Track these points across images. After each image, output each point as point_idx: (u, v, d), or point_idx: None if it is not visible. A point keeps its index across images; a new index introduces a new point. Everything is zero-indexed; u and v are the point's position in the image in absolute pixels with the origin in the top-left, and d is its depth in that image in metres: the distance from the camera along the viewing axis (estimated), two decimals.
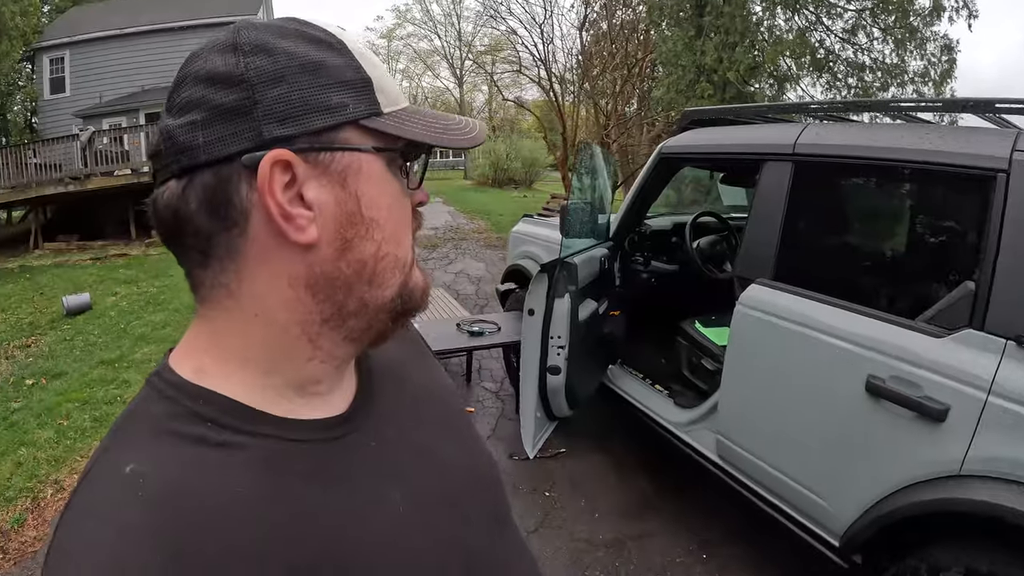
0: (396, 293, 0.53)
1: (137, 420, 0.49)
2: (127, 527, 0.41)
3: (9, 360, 6.43)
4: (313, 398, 0.53)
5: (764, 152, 2.48)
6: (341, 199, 0.49)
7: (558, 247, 3.72)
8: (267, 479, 0.46)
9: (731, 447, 2.44)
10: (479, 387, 4.61)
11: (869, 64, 10.37)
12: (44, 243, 12.98)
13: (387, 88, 0.51)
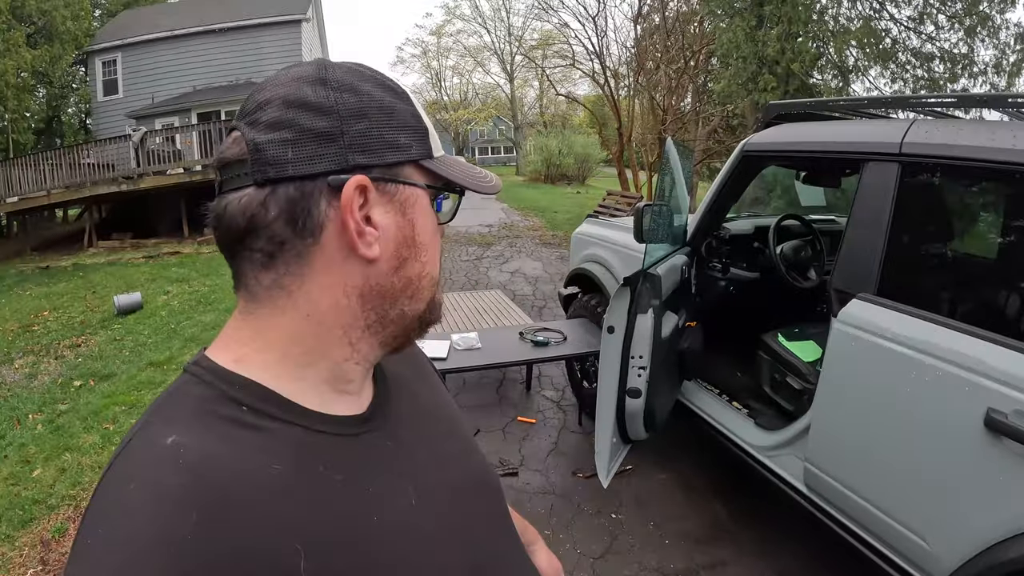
0: (427, 307, 0.62)
1: (177, 400, 0.54)
2: (168, 491, 0.45)
3: (58, 360, 6.59)
4: (344, 395, 0.59)
5: (865, 151, 2.26)
6: (400, 224, 0.58)
7: (627, 251, 3.60)
8: (295, 462, 0.52)
9: (822, 477, 2.25)
10: (539, 396, 4.48)
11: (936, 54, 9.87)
12: (98, 241, 13.45)
13: (435, 138, 0.61)
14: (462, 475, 0.69)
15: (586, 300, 4.08)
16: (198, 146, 13.93)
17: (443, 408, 0.77)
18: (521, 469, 3.47)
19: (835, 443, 2.21)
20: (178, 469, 0.47)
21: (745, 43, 10.27)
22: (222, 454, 0.49)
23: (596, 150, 29.84)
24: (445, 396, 0.81)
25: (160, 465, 0.47)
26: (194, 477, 0.46)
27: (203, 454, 0.48)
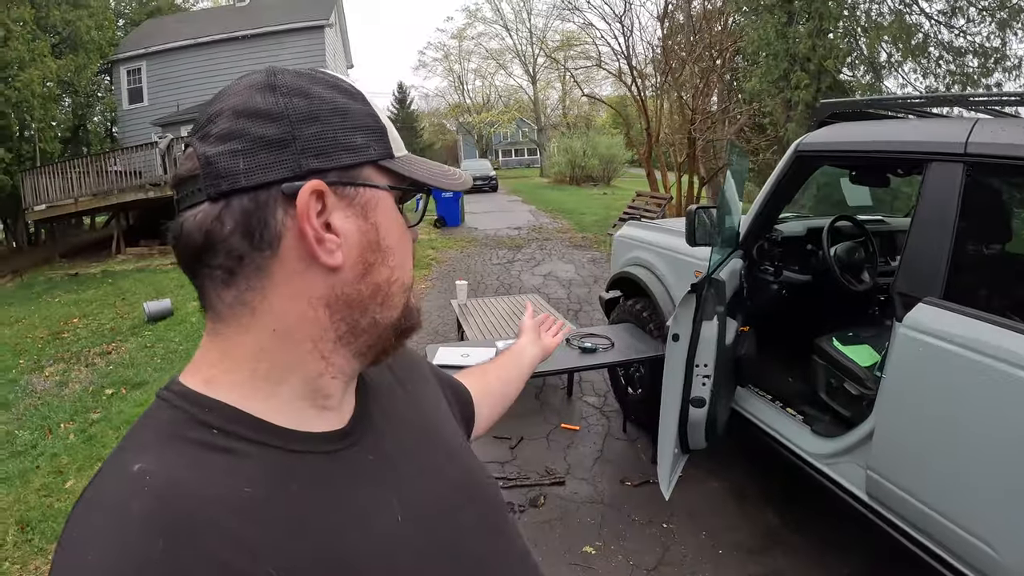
0: (401, 313, 0.61)
1: (146, 427, 0.54)
2: (132, 518, 0.45)
3: (89, 368, 6.70)
4: (324, 411, 0.59)
5: (929, 152, 2.22)
6: (363, 228, 0.57)
7: (674, 254, 3.59)
8: (267, 484, 0.51)
9: (886, 485, 2.22)
10: (581, 402, 4.48)
11: (967, 48, 9.69)
12: (126, 248, 13.70)
13: (395, 137, 0.60)
14: (450, 485, 0.68)
15: (630, 305, 4.06)
16: None
17: (430, 417, 0.76)
18: (568, 478, 3.47)
19: (901, 450, 2.18)
20: (143, 496, 0.46)
21: (776, 40, 10.19)
22: (190, 479, 0.48)
23: (621, 151, 29.82)
24: (433, 403, 0.80)
25: (126, 492, 0.47)
26: (160, 503, 0.46)
27: (170, 480, 0.48)
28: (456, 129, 46.85)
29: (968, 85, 9.68)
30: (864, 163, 2.88)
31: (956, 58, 9.79)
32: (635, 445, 3.87)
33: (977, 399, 1.90)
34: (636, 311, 3.98)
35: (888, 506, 2.23)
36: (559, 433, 4.01)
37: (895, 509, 2.20)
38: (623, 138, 31.24)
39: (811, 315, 3.21)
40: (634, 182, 28.28)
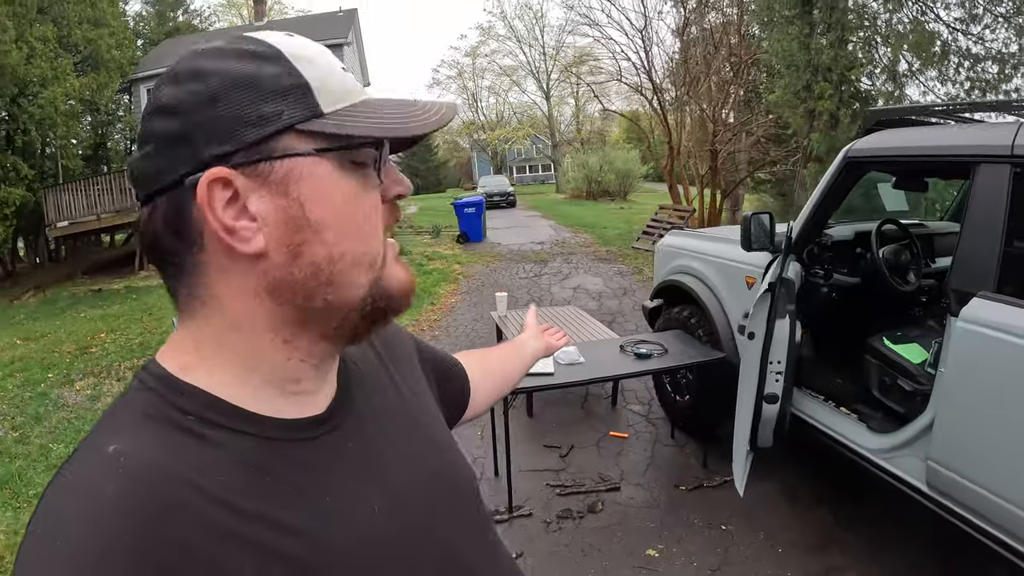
0: (366, 292, 0.56)
1: (122, 409, 0.54)
2: (107, 499, 0.45)
3: (121, 382, 6.74)
4: (298, 396, 0.58)
5: (977, 155, 2.39)
6: (283, 206, 0.52)
7: (722, 261, 3.74)
8: (242, 471, 0.51)
9: (948, 475, 2.33)
10: (626, 410, 4.60)
11: (984, 55, 9.84)
12: (149, 264, 13.92)
13: (332, 88, 0.54)
14: (431, 473, 0.68)
15: (677, 312, 4.19)
16: None
17: (413, 402, 0.75)
18: (622, 484, 3.59)
19: (964, 440, 2.30)
20: (117, 477, 0.46)
21: (799, 51, 10.38)
22: (165, 462, 0.48)
23: (637, 166, 30.07)
24: (417, 387, 0.79)
25: (100, 473, 0.47)
26: (134, 485, 0.46)
27: (144, 462, 0.48)
28: (470, 146, 47.34)
29: (987, 91, 9.81)
30: (913, 167, 3.04)
31: (974, 64, 9.93)
32: (684, 450, 3.98)
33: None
34: (683, 318, 4.10)
35: (950, 495, 2.34)
36: (608, 441, 4.13)
37: (957, 498, 2.31)
38: (638, 153, 31.59)
39: (859, 316, 3.35)
40: (650, 196, 28.51)
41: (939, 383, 2.40)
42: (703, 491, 3.48)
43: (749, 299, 3.40)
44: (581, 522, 3.25)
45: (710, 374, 3.66)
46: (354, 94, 0.56)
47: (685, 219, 12.96)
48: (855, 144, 2.92)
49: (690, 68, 14.57)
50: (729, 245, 3.78)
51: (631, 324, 7.06)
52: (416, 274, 7.37)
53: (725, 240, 3.92)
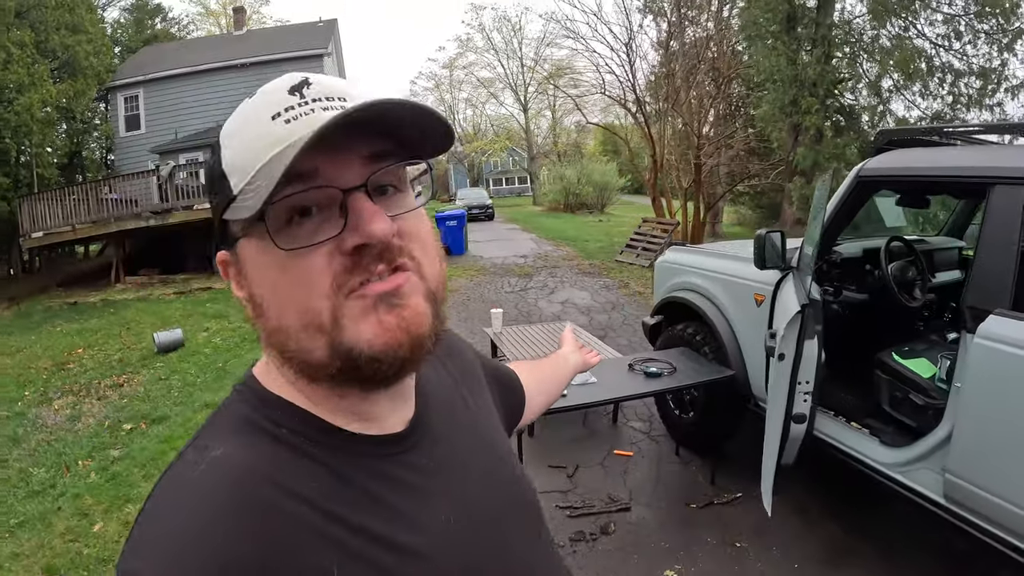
0: (328, 355, 0.55)
1: (223, 418, 0.60)
2: (215, 497, 0.51)
3: (102, 401, 6.54)
4: (367, 421, 0.62)
5: (993, 176, 2.48)
6: (244, 283, 0.59)
7: (728, 277, 3.76)
8: (331, 482, 0.56)
9: (966, 487, 2.39)
10: (627, 427, 4.60)
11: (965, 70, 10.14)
12: (125, 277, 13.70)
13: (235, 165, 0.55)
14: (498, 492, 0.71)
15: (680, 329, 4.21)
16: None
17: (483, 422, 0.79)
18: (632, 504, 3.58)
19: (984, 453, 2.35)
20: (225, 476, 0.52)
21: (786, 67, 10.59)
22: (264, 468, 0.54)
23: (614, 178, 30.33)
24: (487, 408, 0.83)
25: (206, 476, 0.53)
26: (237, 484, 0.52)
27: (246, 467, 0.53)
28: (447, 158, 47.42)
29: (969, 106, 10.11)
30: (927, 187, 3.11)
31: (956, 80, 10.22)
32: (691, 467, 4.00)
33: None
34: (688, 335, 4.12)
35: (968, 507, 2.40)
36: (613, 459, 4.13)
37: (977, 509, 2.36)
38: (616, 165, 31.91)
39: (866, 332, 3.40)
40: (628, 209, 28.82)
41: (956, 398, 2.45)
42: (714, 508, 3.49)
43: (759, 317, 3.44)
44: (595, 544, 3.23)
45: (718, 391, 3.69)
46: (260, 157, 0.54)
47: (669, 232, 13.08)
48: (867, 163, 2.98)
49: (672, 82, 14.75)
50: (736, 262, 3.81)
51: (623, 339, 7.09)
52: None
53: (731, 257, 3.95)
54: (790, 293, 2.93)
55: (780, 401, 2.64)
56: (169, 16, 27.07)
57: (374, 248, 0.54)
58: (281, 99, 0.56)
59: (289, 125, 0.54)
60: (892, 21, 10.49)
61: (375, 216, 0.54)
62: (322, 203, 0.54)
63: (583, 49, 18.24)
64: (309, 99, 0.56)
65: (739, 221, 23.88)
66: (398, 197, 0.59)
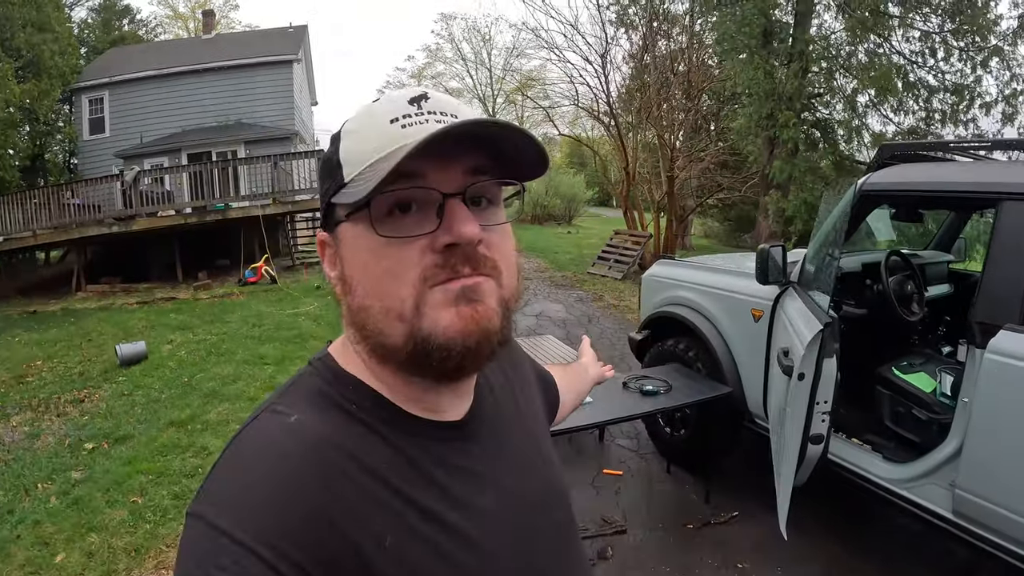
0: (403, 341, 0.60)
1: (298, 389, 0.66)
2: (289, 455, 0.57)
3: (62, 418, 6.17)
4: (428, 410, 0.67)
5: (1003, 192, 2.47)
6: (339, 264, 0.65)
7: (721, 292, 3.71)
8: (394, 458, 0.61)
9: (976, 502, 2.37)
10: (615, 445, 4.51)
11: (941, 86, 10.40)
12: (87, 285, 13.27)
13: (351, 157, 0.62)
14: (539, 484, 0.77)
15: (671, 345, 4.15)
16: (189, 187, 14.00)
17: (532, 421, 0.85)
18: (628, 525, 3.49)
19: (996, 468, 2.33)
20: (303, 440, 0.58)
21: (764, 80, 10.70)
22: (337, 438, 0.59)
23: (582, 190, 30.49)
24: (535, 408, 0.89)
25: (285, 435, 0.58)
26: (312, 449, 0.57)
27: (321, 435, 0.59)
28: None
29: (944, 122, 10.35)
30: (933, 202, 3.10)
31: (931, 96, 10.45)
32: (684, 486, 3.92)
33: None
34: (679, 351, 4.07)
35: (980, 522, 2.38)
36: (603, 479, 4.03)
37: (989, 524, 2.34)
38: (583, 177, 32.08)
39: (863, 347, 3.37)
40: (595, 221, 29.03)
41: (964, 412, 2.43)
42: (711, 528, 3.42)
43: (757, 332, 3.39)
44: (594, 570, 3.13)
45: (712, 408, 3.62)
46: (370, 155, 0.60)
47: (641, 244, 13.16)
48: (870, 178, 2.95)
49: (644, 94, 14.85)
50: (730, 276, 3.77)
51: (603, 353, 6.93)
52: None
53: (725, 270, 3.91)
54: (798, 309, 2.88)
55: (798, 422, 2.57)
56: (137, 18, 26.69)
57: (462, 249, 0.59)
58: (401, 107, 0.62)
59: (404, 130, 0.60)
60: (868, 37, 10.69)
61: (467, 220, 0.59)
62: (422, 202, 0.60)
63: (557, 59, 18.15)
64: (425, 111, 0.62)
65: (706, 234, 24.15)
66: (491, 211, 0.65)
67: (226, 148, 17.46)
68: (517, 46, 32.06)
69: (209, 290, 12.39)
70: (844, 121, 11.13)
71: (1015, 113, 10.03)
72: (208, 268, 13.88)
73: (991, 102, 10.12)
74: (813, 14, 11.38)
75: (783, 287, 3.25)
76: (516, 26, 36.46)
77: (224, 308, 10.52)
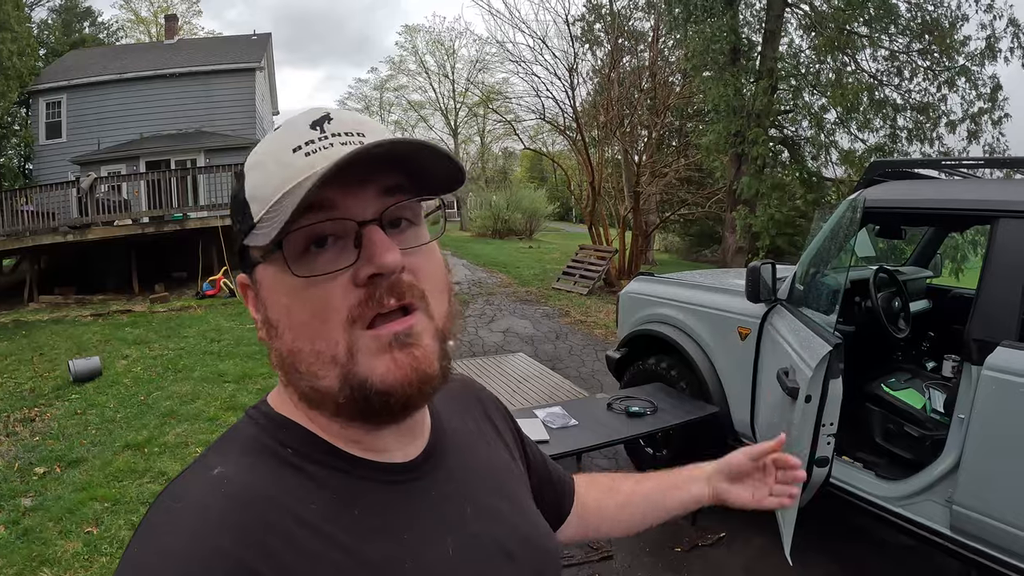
0: (339, 385, 0.57)
1: (230, 439, 0.62)
2: (208, 512, 0.52)
3: (11, 438, 5.78)
4: (368, 451, 0.62)
5: (998, 210, 2.48)
6: (260, 307, 0.61)
7: (711, 311, 3.66)
8: (332, 504, 0.57)
9: (975, 518, 2.36)
10: (593, 465, 4.40)
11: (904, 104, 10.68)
12: (39, 296, 12.78)
13: (257, 193, 0.58)
14: (509, 533, 0.70)
15: (653, 363, 4.08)
16: (147, 196, 13.60)
17: (497, 467, 0.78)
18: (615, 551, 3.38)
19: (994, 483, 2.32)
20: (221, 495, 0.54)
21: (733, 97, 10.82)
22: (264, 487, 0.55)
23: (543, 204, 30.68)
24: (503, 456, 0.82)
25: (204, 491, 0.55)
26: (235, 504, 0.53)
27: (245, 485, 0.55)
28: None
29: (910, 140, 10.60)
30: (927, 219, 3.10)
31: (896, 114, 10.69)
32: None
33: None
34: (662, 370, 4.00)
35: (979, 537, 2.37)
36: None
37: (988, 539, 2.33)
38: (544, 192, 32.28)
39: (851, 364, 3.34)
40: (555, 236, 29.25)
41: (960, 428, 2.42)
42: (700, 551, 3.35)
43: (743, 351, 3.35)
44: None
45: (697, 427, 3.55)
46: (278, 189, 0.57)
47: (607, 259, 13.16)
48: (868, 194, 2.93)
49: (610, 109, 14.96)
50: (714, 293, 3.73)
51: (571, 370, 6.96)
52: None
53: (708, 288, 3.87)
54: (791, 328, 2.84)
55: (804, 445, 2.51)
56: (99, 20, 26.09)
57: (385, 279, 0.56)
58: (303, 133, 0.59)
59: (309, 158, 0.57)
60: (836, 56, 10.90)
61: (387, 247, 0.56)
62: (338, 234, 0.57)
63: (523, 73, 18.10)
64: (329, 134, 0.58)
65: (667, 248, 24.42)
66: (412, 231, 0.61)
67: (185, 156, 17.13)
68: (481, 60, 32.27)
69: (166, 303, 12.01)
70: (812, 138, 11.32)
71: (979, 131, 10.26)
72: (165, 280, 13.53)
73: (956, 121, 10.35)
74: (782, 32, 11.54)
75: (771, 305, 3.21)
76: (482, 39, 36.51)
77: (182, 322, 10.20)
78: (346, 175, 0.53)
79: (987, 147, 10.21)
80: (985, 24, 10.19)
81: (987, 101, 10.13)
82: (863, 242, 4.35)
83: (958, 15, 10.33)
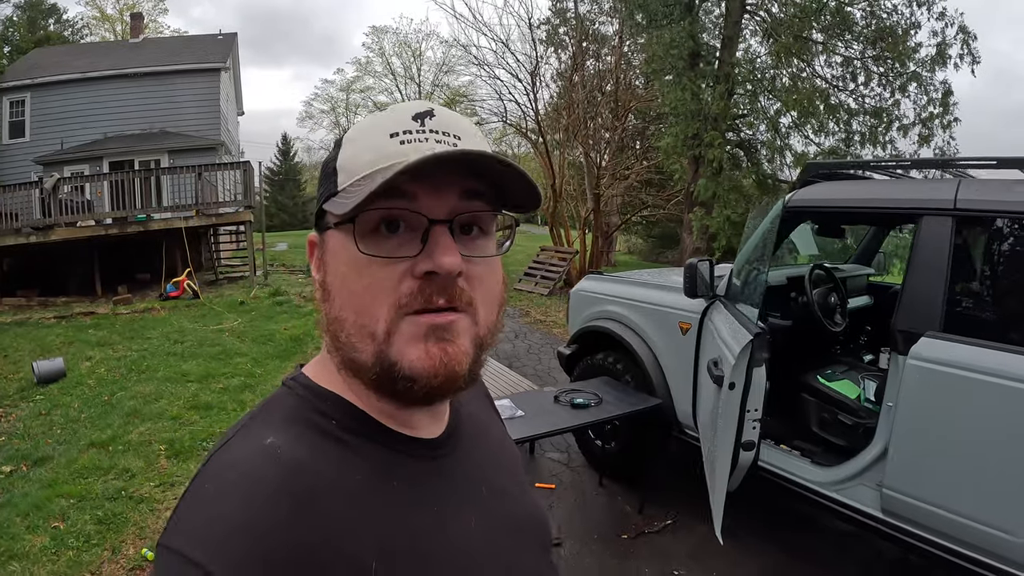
0: (372, 361, 0.59)
1: (273, 409, 0.63)
2: (265, 482, 0.53)
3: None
4: (401, 425, 0.64)
5: (921, 208, 2.58)
6: (322, 269, 0.63)
7: (651, 306, 3.72)
8: (373, 475, 0.59)
9: (904, 500, 2.45)
10: (545, 459, 4.45)
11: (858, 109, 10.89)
12: (2, 298, 12.43)
13: (347, 165, 0.61)
14: (518, 509, 0.75)
15: (601, 358, 4.13)
16: (110, 197, 13.29)
17: (506, 450, 0.83)
18: (563, 539, 3.43)
19: (921, 466, 2.42)
20: (276, 464, 0.55)
21: (691, 101, 10.95)
22: (310, 459, 0.57)
23: None
24: (507, 440, 0.87)
25: (259, 459, 0.55)
26: (288, 473, 0.54)
27: (295, 456, 0.56)
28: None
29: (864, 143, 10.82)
30: (850, 218, 3.19)
31: (851, 118, 10.91)
32: (616, 498, 3.89)
33: (987, 411, 2.22)
34: (608, 364, 4.06)
35: (907, 518, 2.47)
36: (535, 493, 3.92)
37: (916, 520, 2.43)
38: None
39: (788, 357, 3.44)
40: (520, 237, 28.26)
41: (888, 416, 2.52)
42: (646, 538, 3.40)
43: (684, 344, 3.41)
44: None
45: (642, 420, 3.62)
46: (363, 168, 0.59)
47: (567, 261, 13.26)
48: (795, 195, 3.02)
49: (572, 112, 15.02)
50: (658, 290, 3.80)
51: (529, 368, 7.04)
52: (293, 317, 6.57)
53: (652, 285, 3.94)
54: (726, 321, 2.90)
55: (730, 430, 2.59)
56: (64, 18, 25.38)
57: (440, 279, 0.57)
58: (404, 122, 0.60)
59: (402, 147, 0.58)
60: (792, 62, 11.08)
61: (450, 250, 0.57)
62: (410, 224, 0.58)
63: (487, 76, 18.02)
64: (428, 129, 0.60)
65: (630, 250, 24.57)
66: (482, 241, 0.62)
67: (149, 157, 16.75)
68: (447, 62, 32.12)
69: (129, 305, 11.74)
70: (767, 142, 11.50)
71: (931, 135, 10.49)
72: (128, 282, 13.20)
73: (908, 125, 10.57)
74: (740, 38, 11.71)
75: (710, 300, 3.27)
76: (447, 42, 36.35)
77: (145, 324, 10.01)
78: (431, 172, 0.55)
79: (938, 150, 10.44)
80: (937, 31, 10.43)
81: (939, 106, 10.36)
82: (806, 240, 4.46)
83: (911, 22, 10.56)
